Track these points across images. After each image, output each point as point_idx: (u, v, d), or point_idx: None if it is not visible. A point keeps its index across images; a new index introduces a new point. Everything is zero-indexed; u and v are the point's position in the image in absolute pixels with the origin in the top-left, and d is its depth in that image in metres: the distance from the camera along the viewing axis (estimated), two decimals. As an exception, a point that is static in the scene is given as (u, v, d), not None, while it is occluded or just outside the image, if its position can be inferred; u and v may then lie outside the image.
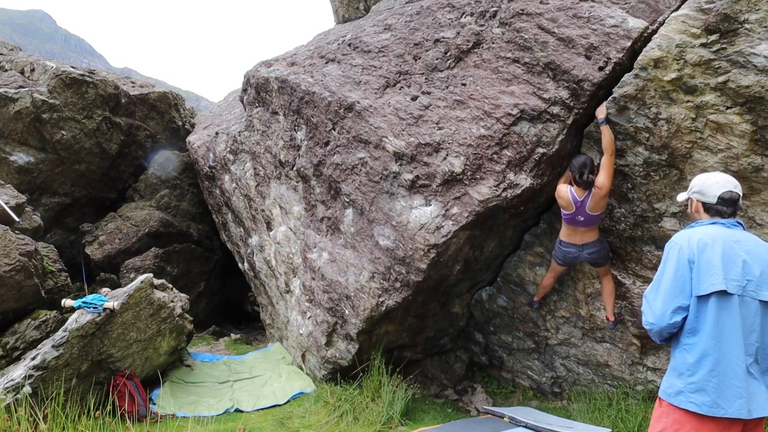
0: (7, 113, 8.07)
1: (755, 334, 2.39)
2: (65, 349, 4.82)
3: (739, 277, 2.37)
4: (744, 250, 2.43)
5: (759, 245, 2.49)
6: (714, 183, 2.58)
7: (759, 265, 2.42)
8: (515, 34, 4.66)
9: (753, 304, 2.38)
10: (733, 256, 2.40)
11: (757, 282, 2.39)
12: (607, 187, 4.28)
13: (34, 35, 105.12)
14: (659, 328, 2.49)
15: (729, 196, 2.53)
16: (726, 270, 2.38)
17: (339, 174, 5.45)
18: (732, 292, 2.36)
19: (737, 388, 2.34)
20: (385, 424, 4.90)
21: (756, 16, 3.54)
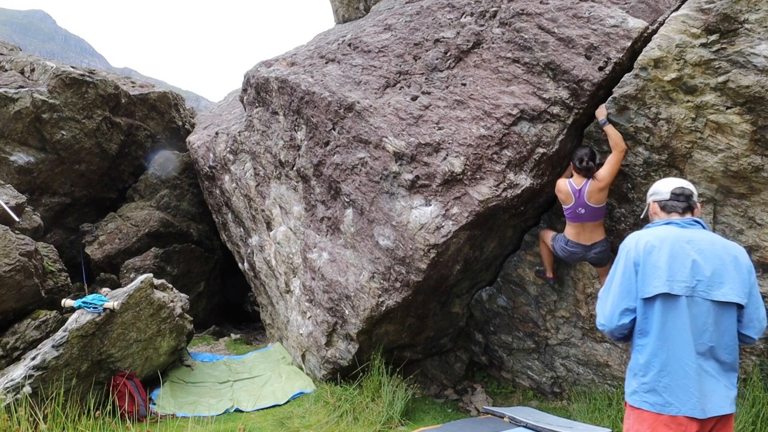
0: (7, 113, 8.07)
1: (708, 333, 2.36)
2: (65, 349, 4.82)
3: (686, 278, 2.37)
4: (696, 249, 2.42)
5: (714, 243, 2.46)
6: (666, 183, 2.68)
7: (711, 265, 2.40)
8: (515, 34, 4.66)
9: (704, 304, 2.37)
10: (681, 256, 2.40)
11: (708, 282, 2.37)
12: (607, 180, 4.23)
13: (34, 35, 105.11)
14: (609, 330, 2.53)
15: (681, 191, 2.58)
16: (671, 272, 2.38)
17: (339, 174, 5.45)
18: (677, 293, 2.36)
19: (688, 388, 2.34)
20: (385, 424, 4.90)
21: (756, 16, 3.54)
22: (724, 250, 2.44)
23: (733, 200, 4.05)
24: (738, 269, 2.42)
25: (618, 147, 4.20)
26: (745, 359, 4.34)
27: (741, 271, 2.43)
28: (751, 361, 4.31)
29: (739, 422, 4.01)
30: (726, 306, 2.38)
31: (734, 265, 2.42)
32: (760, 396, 4.09)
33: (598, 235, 4.51)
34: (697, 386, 2.34)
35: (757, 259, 4.06)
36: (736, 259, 2.44)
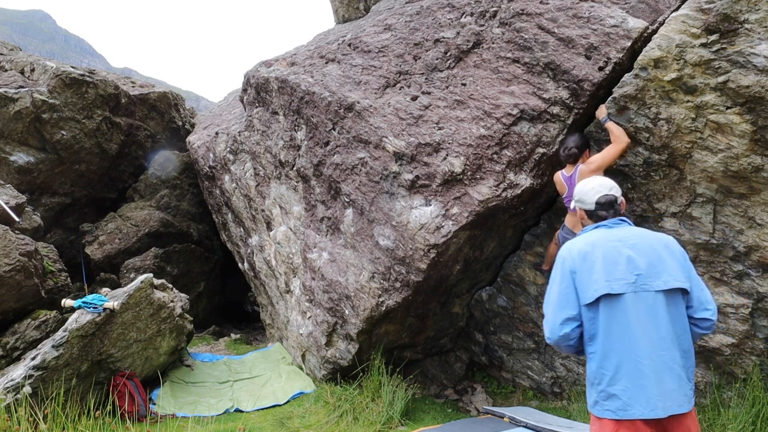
0: (7, 113, 8.07)
1: (663, 325, 2.33)
2: (65, 349, 4.82)
3: (624, 274, 2.36)
4: (629, 245, 2.42)
5: (645, 237, 2.46)
6: (590, 189, 2.61)
7: (645, 257, 2.39)
8: (515, 34, 4.66)
9: (649, 296, 2.34)
10: (615, 255, 2.40)
11: (646, 274, 2.36)
12: (597, 163, 4.08)
13: (34, 35, 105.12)
14: (554, 342, 2.48)
15: (605, 200, 2.55)
16: (608, 272, 2.37)
17: (339, 174, 5.45)
18: (618, 292, 2.35)
19: (646, 388, 2.29)
20: (385, 424, 4.90)
21: (756, 16, 3.54)
22: (656, 241, 2.45)
23: (733, 200, 4.05)
24: (672, 256, 2.42)
25: (619, 140, 4.11)
26: (745, 359, 4.34)
27: (676, 257, 2.42)
28: (751, 361, 4.31)
29: (739, 422, 4.01)
30: (670, 293, 2.36)
31: (668, 252, 2.42)
32: (760, 396, 4.09)
33: None
34: (655, 384, 2.30)
35: (758, 259, 4.06)
36: (668, 247, 2.44)
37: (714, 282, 4.33)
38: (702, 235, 4.24)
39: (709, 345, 4.43)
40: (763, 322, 4.20)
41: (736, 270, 4.20)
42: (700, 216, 4.21)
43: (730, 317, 4.29)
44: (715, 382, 4.50)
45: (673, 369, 2.32)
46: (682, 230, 4.33)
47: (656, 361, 2.31)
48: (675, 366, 2.33)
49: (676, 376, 2.32)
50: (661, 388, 2.29)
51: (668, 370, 2.32)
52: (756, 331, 4.23)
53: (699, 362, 4.60)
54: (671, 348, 2.33)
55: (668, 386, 2.30)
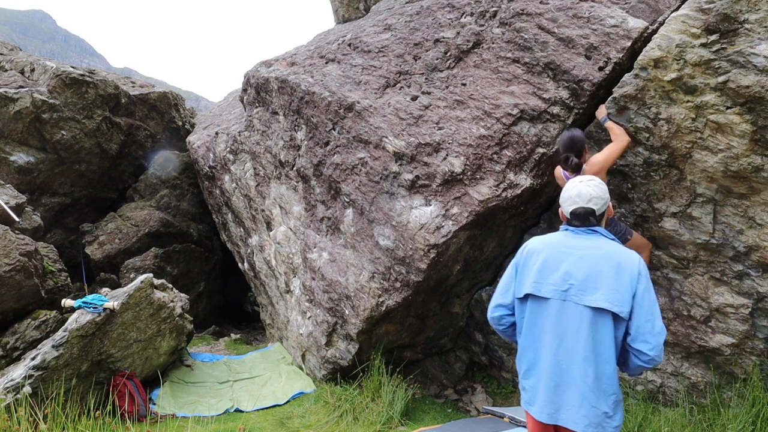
0: (7, 113, 8.07)
1: (582, 340, 2.29)
2: (65, 349, 4.82)
3: (557, 281, 2.36)
4: (577, 255, 2.39)
5: (600, 250, 2.39)
6: (567, 198, 2.57)
7: (586, 269, 2.35)
8: (515, 34, 4.66)
9: (576, 309, 2.32)
10: (557, 261, 2.41)
11: (579, 286, 2.33)
12: (599, 165, 3.97)
13: (34, 35, 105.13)
14: (490, 321, 2.67)
15: (580, 212, 2.50)
16: (541, 275, 2.41)
17: (339, 174, 5.45)
18: (544, 295, 2.38)
19: (544, 391, 2.36)
20: (385, 424, 4.90)
21: (756, 16, 3.54)
22: (608, 257, 2.36)
23: (733, 200, 4.05)
24: (618, 278, 2.31)
25: (620, 139, 4.08)
26: (745, 359, 4.34)
27: (622, 278, 2.31)
28: (751, 361, 4.31)
29: (739, 422, 4.01)
30: (599, 312, 2.29)
31: (615, 272, 2.32)
32: (760, 396, 4.09)
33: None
34: (552, 390, 2.33)
35: (758, 259, 4.06)
36: (620, 266, 2.33)
37: (714, 282, 4.33)
38: (702, 235, 4.24)
39: (709, 345, 4.43)
40: (763, 322, 4.20)
41: (736, 270, 4.20)
42: (700, 216, 4.21)
43: (730, 317, 4.29)
44: (715, 382, 4.50)
45: (579, 386, 2.29)
46: (682, 230, 4.33)
47: (561, 370, 2.32)
48: (582, 384, 2.29)
49: (580, 394, 2.29)
50: (554, 397, 2.32)
51: (572, 384, 2.30)
52: (756, 331, 4.23)
53: (699, 362, 4.60)
54: (584, 364, 2.29)
55: (565, 399, 2.30)
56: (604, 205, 2.54)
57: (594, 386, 2.29)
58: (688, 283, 4.46)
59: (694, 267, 4.41)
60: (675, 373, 4.74)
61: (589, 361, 2.28)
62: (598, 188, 2.53)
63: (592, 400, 2.28)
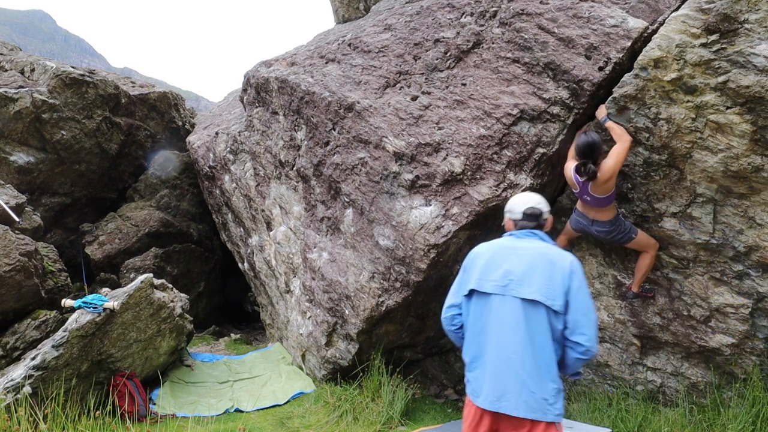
0: (7, 113, 8.07)
1: (521, 331, 2.47)
2: (65, 349, 4.82)
3: (498, 278, 2.56)
4: (517, 254, 2.60)
5: (536, 251, 2.60)
6: (520, 202, 2.79)
7: (524, 266, 2.54)
8: (515, 34, 4.66)
9: (515, 301, 2.50)
10: (498, 260, 2.61)
11: (518, 281, 2.51)
12: (611, 172, 4.05)
13: (34, 35, 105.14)
14: (443, 325, 2.84)
15: (531, 211, 2.72)
16: (484, 272, 2.61)
17: (339, 174, 5.45)
18: (486, 291, 2.57)
19: (488, 381, 2.51)
20: (385, 424, 4.90)
21: (756, 16, 3.54)
22: (544, 256, 2.56)
23: (733, 200, 4.05)
24: (552, 273, 2.50)
25: (623, 139, 4.10)
26: (745, 359, 4.34)
27: (554, 275, 2.49)
28: (751, 361, 4.31)
29: (739, 422, 4.01)
30: (533, 305, 2.48)
31: (549, 268, 2.51)
32: (760, 396, 4.09)
33: (601, 216, 4.38)
34: (493, 379, 2.49)
35: (758, 259, 4.06)
36: (553, 264, 2.53)
37: (714, 282, 4.33)
38: (702, 235, 4.24)
39: (709, 345, 4.43)
40: (763, 322, 4.20)
41: (736, 270, 4.20)
42: (700, 216, 4.21)
43: (730, 317, 4.29)
44: (715, 382, 4.50)
45: (519, 374, 2.45)
46: (682, 230, 4.33)
47: (502, 359, 2.49)
48: (521, 371, 2.45)
49: (520, 381, 2.44)
50: (496, 385, 2.48)
51: (512, 372, 2.46)
52: (756, 331, 4.23)
53: (699, 362, 4.60)
54: (522, 353, 2.46)
55: (506, 386, 2.46)
56: (548, 213, 2.81)
57: (533, 374, 2.44)
58: (688, 283, 4.46)
59: (694, 267, 4.41)
60: (675, 373, 4.74)
61: (527, 350, 2.46)
62: (541, 197, 2.84)
63: (532, 386, 2.43)
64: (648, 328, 4.76)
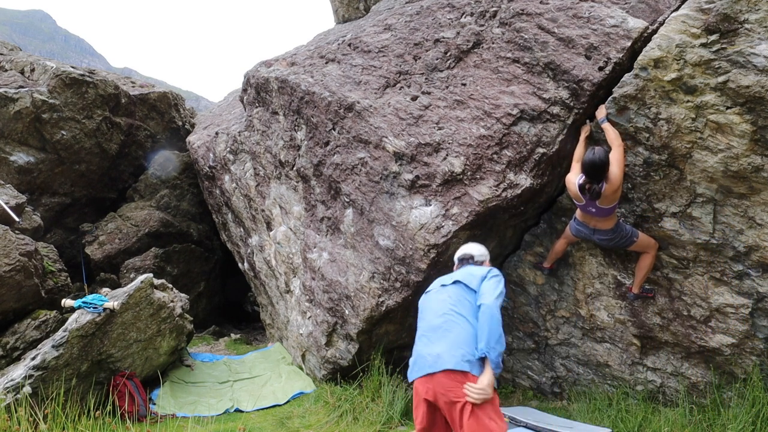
0: (7, 113, 8.07)
1: (447, 302, 3.05)
2: (65, 349, 4.82)
3: (435, 286, 3.31)
4: (450, 275, 3.32)
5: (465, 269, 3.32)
6: (457, 252, 3.63)
7: (452, 276, 3.27)
8: (515, 34, 4.66)
9: (442, 287, 3.19)
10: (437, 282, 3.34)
11: (446, 278, 3.28)
12: (619, 180, 4.10)
13: (34, 35, 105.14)
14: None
15: (461, 257, 3.57)
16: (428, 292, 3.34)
17: (339, 174, 5.45)
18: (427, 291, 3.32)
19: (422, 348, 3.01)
20: (385, 424, 4.90)
21: (756, 16, 3.54)
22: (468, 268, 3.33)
23: (733, 200, 4.05)
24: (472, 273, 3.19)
25: (616, 142, 4.15)
26: (745, 359, 4.34)
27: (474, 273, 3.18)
28: (751, 361, 4.31)
29: (739, 422, 4.01)
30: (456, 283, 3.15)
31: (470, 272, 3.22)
32: (760, 396, 4.09)
33: (603, 225, 4.39)
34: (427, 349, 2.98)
35: (758, 259, 4.06)
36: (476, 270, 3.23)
37: (714, 282, 4.33)
38: (702, 235, 4.24)
39: (709, 345, 4.43)
40: (763, 322, 4.20)
41: (736, 270, 4.20)
42: (700, 216, 4.21)
43: (730, 317, 4.29)
44: (715, 382, 4.50)
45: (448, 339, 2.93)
46: (682, 230, 4.33)
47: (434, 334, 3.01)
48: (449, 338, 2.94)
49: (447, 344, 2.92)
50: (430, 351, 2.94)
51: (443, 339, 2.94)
52: (756, 331, 4.23)
53: (699, 362, 4.60)
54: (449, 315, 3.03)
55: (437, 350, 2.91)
56: (482, 257, 3.53)
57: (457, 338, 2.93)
58: (688, 283, 4.46)
59: (694, 267, 4.41)
60: (675, 373, 4.74)
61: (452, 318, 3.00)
62: (481, 248, 3.60)
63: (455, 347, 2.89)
64: (648, 328, 4.76)
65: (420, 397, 2.86)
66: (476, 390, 2.67)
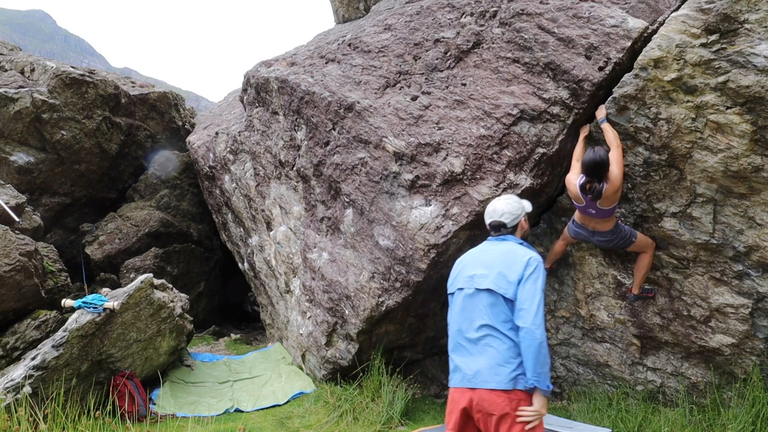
0: (7, 113, 8.07)
1: (480, 317, 2.79)
2: (65, 349, 4.82)
3: (465, 276, 2.94)
4: (486, 254, 2.98)
5: (502, 248, 2.95)
6: (486, 213, 3.15)
7: (487, 264, 2.91)
8: (515, 34, 4.67)
9: (475, 293, 2.86)
10: (471, 263, 2.99)
11: (480, 276, 2.88)
12: (619, 181, 4.10)
13: (34, 35, 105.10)
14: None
15: (494, 224, 3.09)
16: (459, 276, 3.00)
17: (339, 174, 5.45)
18: (459, 287, 2.95)
19: (459, 361, 2.84)
20: (385, 424, 4.90)
21: (756, 16, 3.54)
22: (503, 255, 2.91)
23: (733, 200, 4.05)
24: (509, 266, 2.82)
25: (614, 143, 4.16)
26: (745, 359, 4.34)
27: (511, 268, 2.81)
28: (751, 361, 4.31)
29: (739, 422, 4.01)
30: (490, 293, 2.81)
31: (508, 263, 2.84)
32: (760, 396, 4.09)
33: (602, 227, 4.38)
34: (467, 361, 2.80)
35: (758, 259, 4.06)
36: (512, 260, 2.85)
37: (714, 282, 4.33)
38: (702, 235, 4.24)
39: (709, 345, 4.43)
40: (763, 322, 4.20)
41: (736, 270, 4.20)
42: (700, 216, 4.21)
43: (730, 317, 4.29)
44: (715, 382, 4.50)
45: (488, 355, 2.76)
46: (682, 230, 4.33)
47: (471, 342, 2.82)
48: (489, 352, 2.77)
49: (480, 357, 2.77)
50: (471, 365, 2.78)
51: (482, 354, 2.77)
52: (756, 331, 4.23)
53: (699, 362, 4.60)
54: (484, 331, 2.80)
55: (479, 366, 2.75)
56: (515, 220, 3.08)
57: (497, 355, 2.74)
58: (688, 283, 4.46)
59: (694, 267, 4.41)
60: (675, 373, 4.74)
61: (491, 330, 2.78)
62: (510, 205, 3.10)
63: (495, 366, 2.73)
64: (648, 328, 4.76)
65: (456, 404, 2.82)
66: (531, 412, 2.67)
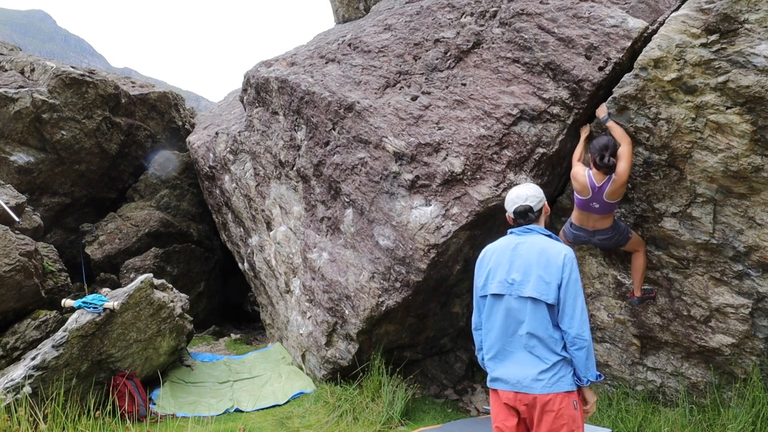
0: (7, 113, 8.07)
1: (525, 324, 2.72)
2: (65, 349, 4.82)
3: (502, 280, 2.82)
4: (518, 254, 2.83)
5: (534, 246, 2.81)
6: (509, 201, 2.98)
7: (523, 267, 2.78)
8: (515, 34, 4.67)
9: (517, 301, 2.76)
10: (503, 262, 2.85)
11: (520, 282, 2.76)
12: (627, 175, 4.10)
13: (34, 35, 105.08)
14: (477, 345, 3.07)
15: (521, 209, 2.92)
16: (491, 277, 2.86)
17: (339, 174, 5.45)
18: (495, 292, 2.82)
19: (504, 368, 2.78)
20: (385, 424, 4.90)
21: (756, 16, 3.54)
22: (539, 254, 2.78)
23: (733, 200, 4.05)
24: (548, 270, 2.73)
25: (625, 139, 4.13)
26: (745, 359, 4.34)
27: (549, 271, 2.73)
28: (751, 361, 4.31)
29: (739, 422, 4.01)
30: (534, 301, 2.73)
31: (543, 266, 2.74)
32: (760, 396, 4.09)
33: (602, 224, 4.37)
34: (512, 367, 2.76)
35: (758, 259, 4.06)
36: (548, 262, 2.75)
37: (714, 282, 4.33)
38: (702, 235, 4.24)
39: (709, 345, 4.43)
40: (763, 322, 4.20)
41: (736, 270, 4.20)
42: (700, 216, 4.21)
43: (730, 317, 4.29)
44: (715, 382, 4.50)
45: (527, 358, 2.74)
46: (682, 230, 4.33)
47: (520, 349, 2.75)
48: (533, 354, 2.73)
49: (532, 365, 2.72)
50: (515, 372, 2.75)
51: (525, 361, 2.74)
52: (756, 331, 4.23)
53: (699, 362, 4.60)
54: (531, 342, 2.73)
55: (524, 371, 2.72)
56: (540, 203, 2.95)
57: (540, 363, 2.70)
58: (688, 283, 4.46)
59: (694, 267, 4.41)
60: (675, 373, 4.74)
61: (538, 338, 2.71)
62: (533, 189, 2.97)
63: (537, 371, 2.70)
64: (648, 328, 4.76)
65: (500, 401, 2.83)
66: (590, 407, 2.78)
